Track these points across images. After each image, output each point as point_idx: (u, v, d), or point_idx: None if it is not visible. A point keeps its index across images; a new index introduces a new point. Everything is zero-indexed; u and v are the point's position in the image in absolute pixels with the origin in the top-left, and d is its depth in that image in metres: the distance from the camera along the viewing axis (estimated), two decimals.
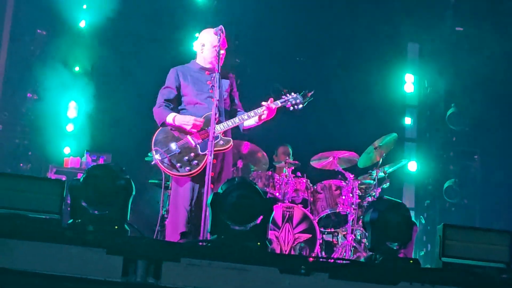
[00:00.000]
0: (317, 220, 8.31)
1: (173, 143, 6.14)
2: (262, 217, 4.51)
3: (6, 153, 10.27)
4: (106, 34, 10.49)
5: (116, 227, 4.34)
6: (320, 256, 7.94)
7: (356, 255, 8.19)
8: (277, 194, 8.44)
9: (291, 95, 6.45)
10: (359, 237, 8.49)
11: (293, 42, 11.13)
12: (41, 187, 4.31)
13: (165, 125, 6.26)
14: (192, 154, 6.10)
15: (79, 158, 9.77)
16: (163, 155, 6.10)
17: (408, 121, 11.85)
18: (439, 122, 11.25)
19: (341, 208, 8.45)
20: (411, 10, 10.95)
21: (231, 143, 6.24)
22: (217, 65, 6.10)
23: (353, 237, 8.25)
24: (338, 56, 11.08)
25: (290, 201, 8.36)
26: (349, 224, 8.28)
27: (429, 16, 11.15)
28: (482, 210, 10.65)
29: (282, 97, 6.44)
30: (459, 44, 10.97)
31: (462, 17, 11.01)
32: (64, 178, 9.01)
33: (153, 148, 6.17)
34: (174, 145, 6.12)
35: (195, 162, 6.07)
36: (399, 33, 11.39)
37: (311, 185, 8.67)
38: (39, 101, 10.34)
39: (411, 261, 4.51)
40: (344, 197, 8.44)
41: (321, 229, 8.38)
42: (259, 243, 4.45)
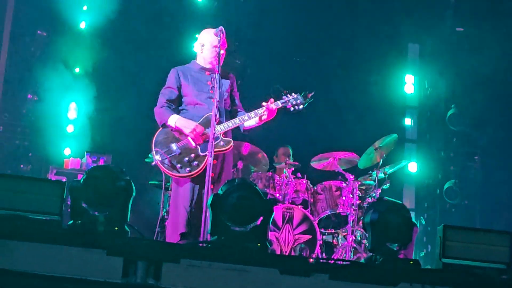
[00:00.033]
0: (317, 221, 8.31)
1: (174, 144, 6.13)
2: (262, 218, 4.51)
3: (6, 154, 10.27)
4: (106, 35, 10.49)
5: (116, 228, 4.34)
6: (320, 257, 7.94)
7: (356, 256, 8.19)
8: (277, 195, 8.44)
9: (291, 95, 6.42)
10: (359, 238, 8.49)
11: (293, 42, 11.13)
12: (42, 188, 4.31)
13: (166, 126, 6.24)
14: (192, 155, 6.09)
15: (79, 159, 9.77)
16: (163, 156, 6.08)
17: (408, 122, 11.85)
18: (439, 123, 11.25)
19: (341, 209, 8.45)
20: (411, 10, 10.95)
21: (232, 143, 6.23)
22: (217, 65, 6.09)
23: (353, 238, 8.25)
24: (338, 56, 11.08)
25: (290, 202, 8.35)
26: (349, 225, 8.28)
27: (429, 16, 11.16)
28: (482, 211, 10.64)
29: (282, 97, 6.41)
30: (460, 44, 10.96)
31: (462, 18, 11.01)
32: (64, 179, 9.01)
33: (153, 149, 6.15)
34: (174, 146, 6.12)
35: (196, 163, 6.06)
36: (399, 34, 11.39)
37: (311, 186, 8.67)
38: (40, 102, 10.34)
39: (411, 262, 4.50)
40: (344, 198, 8.44)
41: (321, 230, 8.39)
42: (259, 244, 4.44)
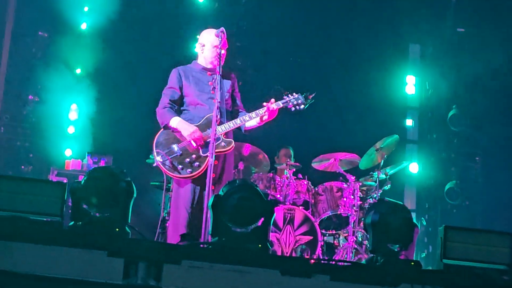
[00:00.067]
0: (318, 222, 8.31)
1: (175, 145, 6.12)
2: (263, 219, 4.51)
3: (7, 155, 10.27)
4: (107, 36, 10.48)
5: (117, 230, 4.34)
6: (321, 258, 7.94)
7: (357, 257, 8.18)
8: (278, 196, 8.44)
9: (292, 95, 6.40)
10: (360, 239, 8.49)
11: (294, 43, 11.12)
12: (43, 190, 4.32)
13: (167, 127, 6.23)
14: (193, 156, 6.08)
15: (80, 160, 9.78)
16: (164, 157, 6.07)
17: (409, 122, 11.83)
18: (440, 123, 11.23)
19: (342, 210, 8.45)
20: (412, 11, 10.93)
21: (233, 144, 6.21)
22: (218, 66, 6.09)
23: (354, 239, 8.24)
24: (339, 57, 11.07)
25: (291, 203, 8.35)
26: (350, 226, 8.27)
27: (430, 17, 11.14)
28: (483, 211, 10.63)
29: (283, 97, 6.41)
30: (461, 45, 10.95)
31: (463, 18, 10.99)
32: (65, 180, 9.02)
33: (154, 150, 6.15)
34: (175, 147, 6.10)
35: (197, 164, 6.06)
36: (400, 34, 11.37)
37: (312, 187, 8.67)
38: (41, 103, 10.34)
39: (412, 263, 4.50)
40: (345, 199, 8.44)
41: (322, 231, 8.38)
42: (260, 245, 4.44)
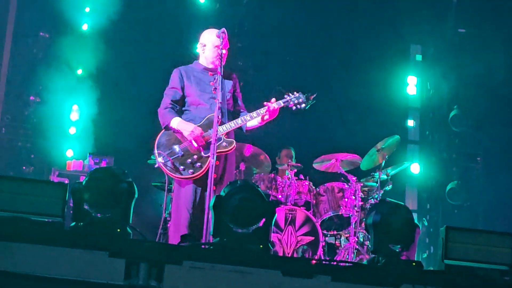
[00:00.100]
0: (319, 222, 8.31)
1: (176, 146, 6.11)
2: (264, 220, 4.51)
3: (8, 155, 10.27)
4: (108, 37, 10.48)
5: (118, 230, 4.34)
6: (322, 258, 7.94)
7: (358, 258, 8.18)
8: (280, 196, 8.44)
9: (293, 94, 6.39)
10: (361, 240, 8.48)
11: (295, 44, 11.12)
12: (44, 190, 4.31)
13: (168, 128, 6.23)
14: (195, 156, 6.08)
15: (81, 161, 9.77)
16: (166, 158, 6.07)
17: (410, 123, 11.83)
18: (441, 124, 11.23)
19: (343, 210, 8.45)
20: (413, 11, 10.93)
21: (234, 144, 6.20)
22: (219, 67, 6.09)
23: (356, 239, 8.24)
24: (340, 58, 11.06)
25: (292, 203, 8.35)
26: (351, 226, 8.27)
27: (431, 17, 11.14)
28: (485, 212, 10.62)
29: (284, 96, 6.41)
30: (462, 45, 10.95)
31: (464, 19, 11.00)
32: (66, 181, 9.01)
33: (156, 151, 6.15)
34: (177, 148, 6.10)
35: (198, 164, 6.05)
36: (402, 35, 11.37)
37: (314, 187, 8.67)
38: (42, 104, 10.34)
39: (414, 264, 4.50)
40: (346, 200, 8.44)
41: (324, 231, 8.38)
42: (261, 246, 4.44)
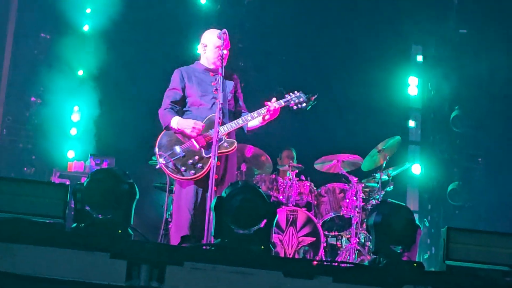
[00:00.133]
0: (321, 223, 8.31)
1: (177, 147, 6.11)
2: (265, 221, 4.50)
3: (9, 157, 10.28)
4: (109, 37, 10.49)
5: (119, 231, 4.34)
6: (324, 259, 7.93)
7: (360, 259, 8.18)
8: (281, 197, 8.44)
9: (294, 93, 6.39)
10: (363, 240, 8.48)
11: (296, 45, 11.12)
12: (45, 191, 4.31)
13: (169, 128, 6.23)
14: (196, 157, 6.08)
15: (82, 162, 9.77)
16: (167, 159, 6.07)
17: (412, 124, 11.82)
18: (443, 124, 11.22)
19: (345, 211, 8.44)
20: (414, 12, 10.92)
21: (235, 145, 6.21)
22: (220, 68, 6.09)
23: (357, 240, 8.24)
24: (341, 59, 11.05)
25: (294, 204, 8.35)
26: (353, 227, 8.27)
27: (432, 18, 11.13)
28: (486, 212, 10.60)
29: (285, 96, 6.41)
30: (463, 46, 10.94)
31: (465, 19, 10.99)
32: (67, 182, 9.01)
33: (157, 152, 6.14)
34: (178, 149, 6.10)
35: (200, 165, 6.05)
36: (402, 35, 11.36)
37: (315, 188, 8.67)
38: (43, 105, 10.35)
39: (415, 264, 4.49)
40: (348, 200, 8.44)
41: (325, 232, 8.38)
42: (263, 247, 4.44)
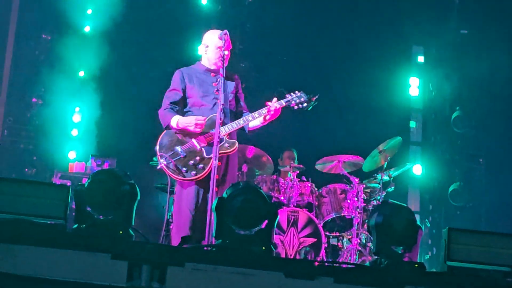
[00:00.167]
0: (322, 224, 8.30)
1: (178, 147, 6.10)
2: (267, 222, 4.51)
3: (11, 158, 10.28)
4: (111, 38, 10.48)
5: (120, 232, 4.34)
6: (325, 260, 7.93)
7: (361, 259, 8.17)
8: (282, 198, 8.43)
9: (294, 93, 6.39)
10: (364, 241, 8.47)
11: (297, 45, 11.12)
12: (46, 192, 4.32)
13: (169, 128, 6.23)
14: (197, 157, 6.07)
15: (84, 163, 9.77)
16: (168, 160, 6.06)
17: (413, 124, 11.82)
18: (444, 125, 11.21)
19: (346, 212, 8.44)
20: (415, 12, 10.92)
21: (236, 145, 6.20)
22: (221, 69, 6.09)
23: (358, 241, 8.23)
24: (342, 59, 11.04)
25: (295, 205, 8.34)
26: (354, 228, 8.26)
27: (433, 18, 11.13)
28: (487, 213, 10.60)
29: (286, 96, 6.41)
30: (464, 47, 10.94)
31: (466, 20, 10.99)
32: (69, 183, 9.04)
33: (158, 152, 6.14)
34: (179, 149, 6.09)
35: (201, 166, 6.04)
36: (403, 36, 11.35)
37: (316, 189, 8.66)
38: (44, 106, 10.35)
39: (416, 265, 4.49)
40: (349, 201, 8.43)
41: (326, 233, 8.37)
42: (264, 248, 4.44)
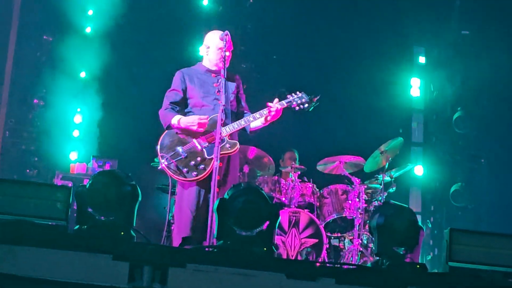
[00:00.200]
0: (323, 225, 8.30)
1: (179, 148, 6.10)
2: (268, 222, 4.50)
3: (12, 159, 10.28)
4: (112, 39, 10.49)
5: (122, 233, 4.34)
6: (326, 261, 7.93)
7: (362, 260, 8.17)
8: (283, 199, 8.43)
9: (296, 94, 6.39)
10: (365, 242, 8.47)
11: (298, 46, 11.12)
12: (48, 193, 4.32)
13: (170, 127, 6.22)
14: (198, 158, 6.07)
15: (85, 164, 9.77)
16: (169, 160, 6.06)
17: (414, 125, 11.82)
18: (445, 126, 11.22)
19: (347, 212, 8.44)
20: (416, 13, 10.93)
21: (237, 146, 6.19)
22: (222, 70, 6.09)
23: (360, 241, 8.23)
24: (343, 60, 11.04)
25: (296, 206, 8.34)
26: (355, 228, 8.27)
27: (434, 19, 11.14)
28: (489, 214, 10.61)
29: (287, 96, 6.41)
30: (465, 47, 10.94)
31: (467, 21, 10.99)
32: (70, 184, 9.03)
33: (159, 153, 6.14)
34: (180, 149, 6.08)
35: (202, 166, 6.04)
36: (405, 37, 11.37)
37: (317, 190, 8.67)
38: (46, 107, 10.36)
39: (418, 266, 4.49)
40: (350, 202, 8.43)
41: (328, 234, 8.38)
42: (265, 248, 4.44)
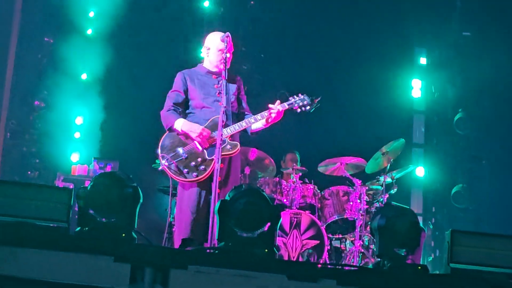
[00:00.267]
0: (324, 226, 8.30)
1: (180, 148, 6.10)
2: (269, 224, 4.50)
3: (13, 161, 10.29)
4: (113, 41, 10.50)
5: (123, 235, 4.34)
6: (328, 262, 7.93)
7: (364, 261, 8.16)
8: (285, 200, 8.43)
9: (298, 96, 6.38)
10: (367, 243, 8.47)
11: (300, 47, 11.13)
12: (49, 195, 4.32)
13: (172, 130, 6.23)
14: (199, 159, 6.07)
15: (86, 165, 9.78)
16: (170, 161, 6.06)
17: (415, 126, 11.82)
18: (446, 127, 11.22)
19: (348, 214, 8.43)
20: (418, 14, 10.94)
21: (238, 147, 6.18)
22: (223, 71, 6.09)
23: (361, 243, 8.23)
24: (345, 61, 11.05)
25: (297, 207, 8.34)
26: (357, 230, 8.25)
27: (435, 20, 11.15)
28: (490, 215, 10.60)
29: (289, 98, 6.40)
30: (466, 49, 10.95)
31: (468, 22, 10.99)
32: (71, 186, 9.03)
33: (160, 154, 6.15)
34: (181, 150, 6.08)
35: (202, 167, 6.04)
36: (406, 38, 11.38)
37: (319, 191, 8.66)
38: (47, 109, 10.37)
39: (419, 267, 4.48)
40: (351, 203, 8.43)
41: (329, 235, 8.37)
42: (266, 250, 4.44)
